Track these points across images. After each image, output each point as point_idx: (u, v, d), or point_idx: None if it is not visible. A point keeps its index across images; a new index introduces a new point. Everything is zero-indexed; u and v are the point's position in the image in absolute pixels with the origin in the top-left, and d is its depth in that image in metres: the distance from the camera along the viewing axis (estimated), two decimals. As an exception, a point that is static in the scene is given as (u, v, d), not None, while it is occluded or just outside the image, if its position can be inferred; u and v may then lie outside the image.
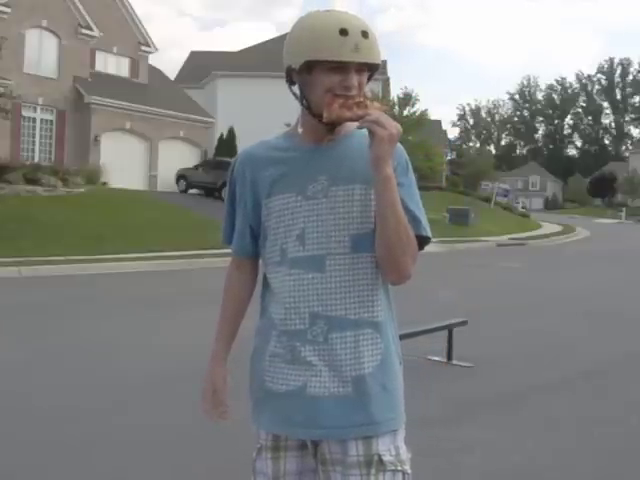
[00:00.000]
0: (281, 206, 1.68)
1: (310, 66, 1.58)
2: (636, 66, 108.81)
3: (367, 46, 1.58)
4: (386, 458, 1.62)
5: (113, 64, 29.14)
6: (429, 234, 1.69)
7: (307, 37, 1.58)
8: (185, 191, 26.32)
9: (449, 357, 6.06)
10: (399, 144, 1.64)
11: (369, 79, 1.69)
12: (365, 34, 1.57)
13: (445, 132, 70.66)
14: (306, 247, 1.64)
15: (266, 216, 1.71)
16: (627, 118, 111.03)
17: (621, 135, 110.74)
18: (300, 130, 1.71)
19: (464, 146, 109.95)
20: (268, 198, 1.70)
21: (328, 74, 1.58)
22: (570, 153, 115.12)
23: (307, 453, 1.68)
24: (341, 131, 1.69)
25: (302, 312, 1.64)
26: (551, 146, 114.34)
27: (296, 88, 1.65)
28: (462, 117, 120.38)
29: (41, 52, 25.23)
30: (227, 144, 30.67)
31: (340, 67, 1.57)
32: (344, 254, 1.64)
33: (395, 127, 1.51)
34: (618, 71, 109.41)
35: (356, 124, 1.60)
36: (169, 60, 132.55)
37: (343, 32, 1.55)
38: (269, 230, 1.70)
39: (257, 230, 1.74)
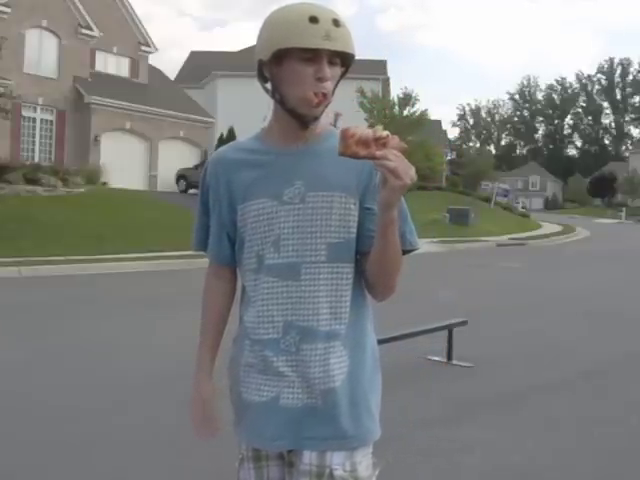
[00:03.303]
0: (256, 211, 1.62)
1: (280, 56, 1.52)
2: (636, 66, 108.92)
3: (339, 35, 1.51)
4: (338, 472, 1.58)
5: (113, 64, 29.15)
6: (417, 246, 1.67)
7: (276, 26, 1.53)
8: (185, 191, 26.33)
9: (449, 357, 6.06)
10: None
11: (342, 75, 1.62)
12: (336, 22, 1.51)
13: (445, 132, 70.65)
14: (281, 254, 1.59)
15: (241, 222, 1.64)
16: (627, 118, 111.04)
17: (621, 135, 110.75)
18: (267, 123, 1.65)
19: (464, 146, 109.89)
20: (243, 203, 1.63)
21: (299, 64, 1.52)
22: (570, 153, 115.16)
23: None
24: (316, 129, 1.63)
25: (276, 321, 1.60)
26: (551, 146, 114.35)
27: (269, 85, 1.59)
28: (462, 117, 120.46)
29: (41, 52, 25.24)
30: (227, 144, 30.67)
31: (311, 58, 1.51)
32: (319, 263, 1.58)
33: (410, 177, 1.42)
34: (618, 71, 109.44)
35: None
36: (169, 60, 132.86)
37: (313, 20, 1.49)
38: (245, 236, 1.64)
39: (234, 236, 1.68)
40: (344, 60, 1.59)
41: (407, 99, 32.76)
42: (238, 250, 1.68)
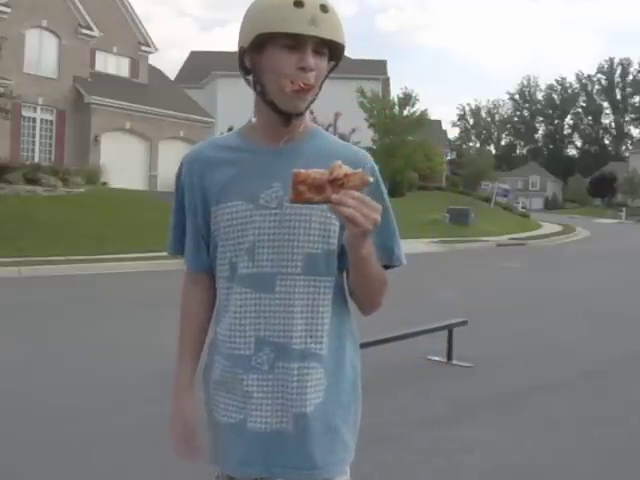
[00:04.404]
0: (230, 215, 1.48)
1: (262, 44, 1.40)
2: (636, 66, 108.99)
3: (326, 20, 1.37)
4: None
5: (113, 64, 29.14)
6: (403, 262, 1.58)
7: (259, 11, 1.40)
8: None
9: (449, 357, 6.05)
10: (367, 156, 1.56)
11: (331, 70, 1.48)
12: (324, 8, 1.37)
13: (445, 132, 70.65)
14: (255, 263, 1.46)
15: (215, 225, 1.51)
16: (627, 118, 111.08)
17: (621, 135, 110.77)
18: (253, 120, 1.53)
19: (464, 146, 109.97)
20: (217, 205, 1.50)
21: (281, 52, 1.38)
22: (570, 153, 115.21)
23: None
24: (299, 126, 1.50)
25: (247, 336, 1.48)
26: (551, 146, 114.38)
27: (251, 77, 1.48)
28: (462, 117, 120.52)
29: (41, 52, 25.23)
30: (227, 144, 30.65)
31: (295, 45, 1.38)
32: (295, 275, 1.46)
33: (373, 222, 1.25)
34: (618, 71, 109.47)
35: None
36: (169, 60, 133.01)
37: (298, 4, 1.35)
38: (218, 241, 1.52)
39: (209, 240, 1.56)
40: (333, 52, 1.45)
41: (407, 99, 32.74)
42: (212, 255, 1.55)
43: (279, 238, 1.46)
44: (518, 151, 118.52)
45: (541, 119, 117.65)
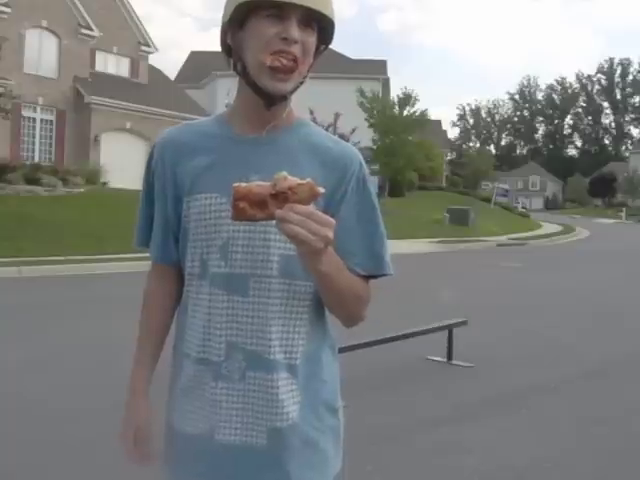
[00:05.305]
0: (202, 207, 1.36)
1: (244, 17, 1.28)
2: (636, 66, 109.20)
3: None
4: None
5: (113, 64, 29.13)
6: (390, 272, 1.41)
7: None
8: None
9: (449, 357, 6.05)
10: (355, 152, 1.42)
11: (320, 51, 1.36)
12: None
13: (445, 132, 70.71)
14: (229, 262, 1.34)
15: (186, 217, 1.39)
16: (627, 118, 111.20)
17: (621, 135, 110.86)
18: (231, 102, 1.40)
19: (464, 146, 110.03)
20: (189, 195, 1.37)
21: (264, 22, 1.26)
22: (570, 153, 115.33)
23: None
24: (282, 112, 1.36)
25: (218, 341, 1.35)
26: (551, 146, 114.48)
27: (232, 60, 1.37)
28: (462, 117, 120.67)
29: (41, 52, 25.22)
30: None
31: (278, 15, 1.26)
32: (270, 277, 1.33)
33: (322, 238, 1.12)
34: (618, 71, 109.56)
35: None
36: (169, 60, 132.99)
37: None
38: (189, 235, 1.39)
39: (178, 233, 1.43)
40: (323, 32, 1.33)
41: (407, 99, 32.76)
42: (182, 249, 1.42)
43: (254, 237, 1.33)
44: (518, 151, 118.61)
45: (541, 119, 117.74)
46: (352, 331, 1.59)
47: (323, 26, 1.32)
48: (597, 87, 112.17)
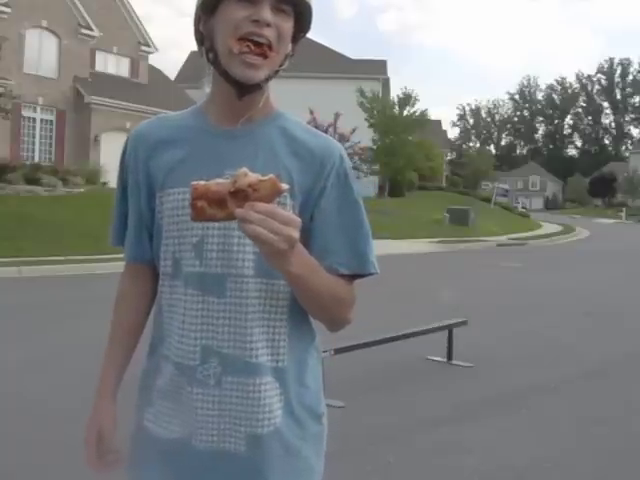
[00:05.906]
0: (175, 203, 1.29)
1: (215, 3, 1.24)
2: (636, 66, 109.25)
3: None
4: None
5: (113, 64, 29.13)
6: (376, 270, 1.34)
7: None
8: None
9: (449, 357, 6.06)
10: (336, 145, 1.35)
11: (297, 38, 1.30)
12: None
13: (445, 132, 70.74)
14: (204, 261, 1.27)
15: (159, 212, 1.33)
16: (627, 118, 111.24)
17: (621, 135, 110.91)
18: (208, 90, 1.35)
19: (464, 146, 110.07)
20: (162, 190, 1.31)
21: (235, 7, 1.21)
22: (570, 153, 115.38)
23: None
24: (257, 103, 1.29)
25: (193, 344, 1.28)
26: (551, 146, 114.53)
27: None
28: (462, 117, 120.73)
29: (41, 52, 25.22)
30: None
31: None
32: (247, 277, 1.27)
33: (285, 239, 1.06)
34: (618, 71, 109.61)
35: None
36: (169, 60, 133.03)
37: None
38: (162, 231, 1.33)
39: (152, 230, 1.37)
40: (300, 16, 1.27)
41: (407, 99, 32.78)
42: (155, 246, 1.36)
43: (230, 234, 1.26)
44: (518, 151, 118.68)
45: (541, 119, 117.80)
46: (352, 331, 1.58)
47: (300, 11, 1.26)
48: (597, 87, 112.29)
